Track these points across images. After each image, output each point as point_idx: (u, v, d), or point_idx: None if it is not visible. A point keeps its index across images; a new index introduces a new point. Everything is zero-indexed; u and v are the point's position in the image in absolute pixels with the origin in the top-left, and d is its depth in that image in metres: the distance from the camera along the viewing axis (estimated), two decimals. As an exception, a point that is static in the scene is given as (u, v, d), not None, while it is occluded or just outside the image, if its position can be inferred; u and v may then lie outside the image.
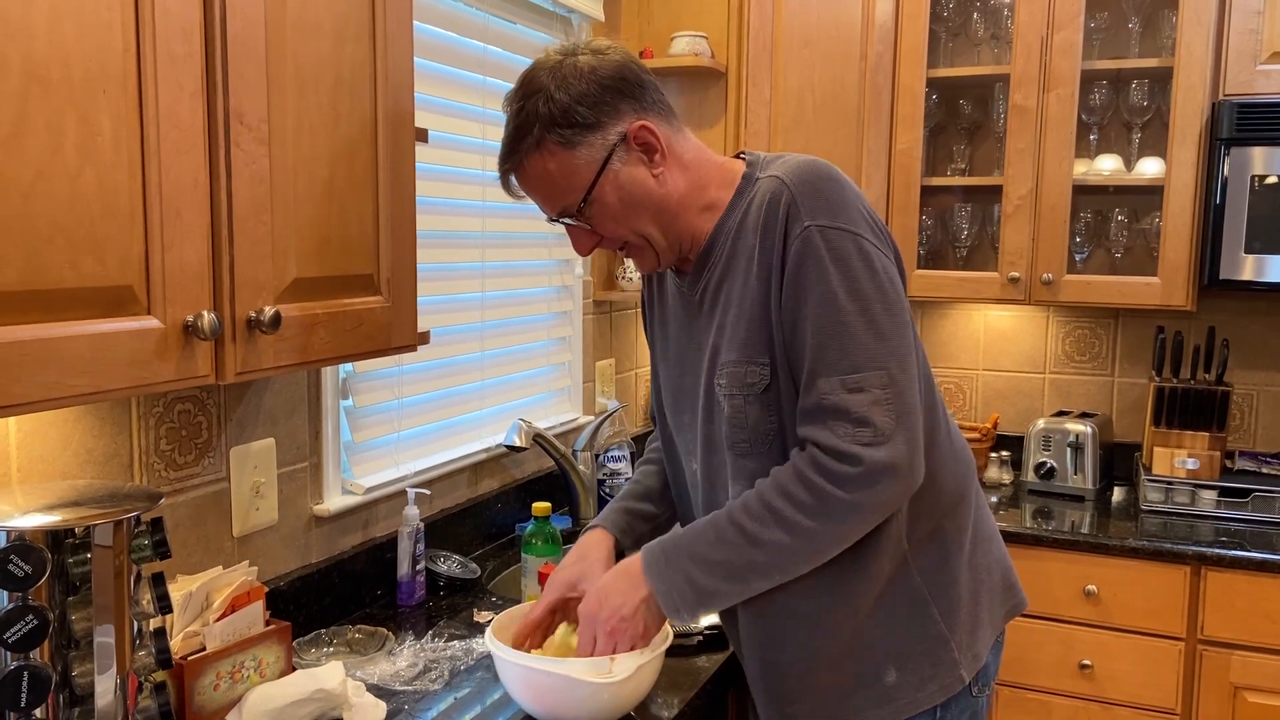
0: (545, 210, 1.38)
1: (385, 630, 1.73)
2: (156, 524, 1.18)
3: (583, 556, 1.48)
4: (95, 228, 1.02)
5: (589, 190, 1.31)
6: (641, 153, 1.33)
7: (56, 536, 1.10)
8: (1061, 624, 2.42)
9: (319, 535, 1.82)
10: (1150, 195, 2.74)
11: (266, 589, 1.49)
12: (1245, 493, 2.49)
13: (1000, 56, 2.84)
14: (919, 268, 2.81)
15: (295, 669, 1.48)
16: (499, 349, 2.35)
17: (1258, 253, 2.43)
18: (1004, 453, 2.88)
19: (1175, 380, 2.62)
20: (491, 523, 2.29)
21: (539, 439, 2.27)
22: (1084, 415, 2.78)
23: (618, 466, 2.56)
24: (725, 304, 1.36)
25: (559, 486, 2.51)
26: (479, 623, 1.81)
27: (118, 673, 1.15)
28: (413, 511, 1.91)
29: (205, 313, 1.12)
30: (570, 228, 1.38)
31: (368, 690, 1.48)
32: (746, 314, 1.32)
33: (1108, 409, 2.94)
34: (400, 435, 2.04)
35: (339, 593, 1.83)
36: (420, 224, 1.73)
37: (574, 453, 2.48)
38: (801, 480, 1.25)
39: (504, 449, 2.27)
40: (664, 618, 1.33)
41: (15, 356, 0.95)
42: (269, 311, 1.20)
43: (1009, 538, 2.40)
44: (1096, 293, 2.64)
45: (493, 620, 1.46)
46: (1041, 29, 2.60)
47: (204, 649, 1.36)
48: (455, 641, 1.72)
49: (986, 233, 2.92)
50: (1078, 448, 2.69)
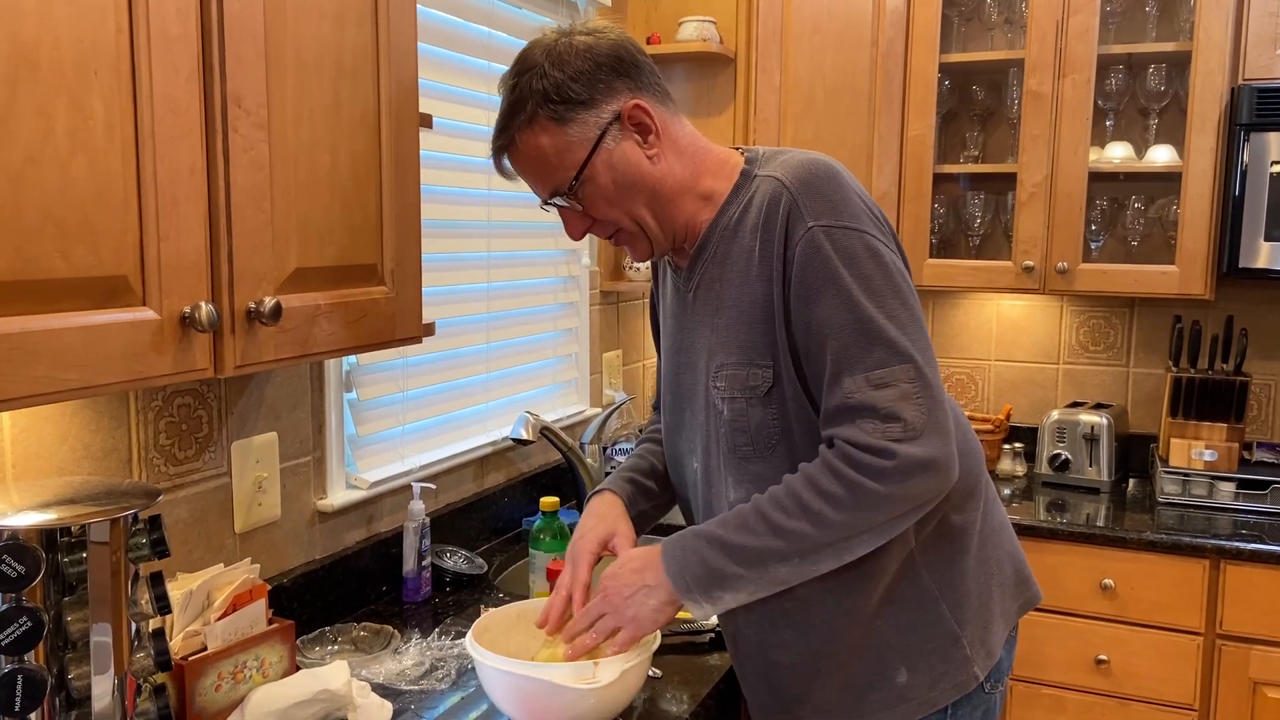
0: (537, 192, 1.35)
1: (391, 628, 1.70)
2: (154, 522, 1.15)
3: (602, 517, 1.44)
4: (88, 216, 0.98)
5: (581, 168, 1.29)
6: (636, 132, 1.30)
7: (51, 535, 1.07)
8: (1077, 619, 2.39)
9: (323, 531, 1.79)
10: (1167, 182, 2.70)
11: (269, 587, 1.45)
12: (1264, 485, 2.45)
13: (1014, 41, 2.79)
14: (931, 257, 2.77)
15: (299, 669, 1.45)
16: (505, 340, 2.32)
17: (1277, 240, 2.39)
18: (1017, 444, 2.84)
19: (1193, 370, 2.58)
20: (498, 517, 2.26)
21: (546, 432, 2.23)
22: (1099, 406, 2.74)
23: (626, 459, 2.52)
24: (719, 304, 1.33)
25: (566, 480, 2.48)
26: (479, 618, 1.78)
27: (115, 674, 1.12)
28: (418, 506, 1.88)
29: (203, 304, 1.08)
30: (562, 211, 1.35)
31: (373, 690, 1.45)
32: (746, 316, 1.29)
33: (1123, 400, 2.89)
34: (405, 428, 2.01)
35: (343, 590, 1.80)
36: (425, 213, 1.69)
37: (581, 445, 2.45)
38: (832, 472, 1.22)
39: (510, 442, 2.24)
40: (665, 610, 1.28)
41: (4, 350, 0.91)
42: (269, 302, 1.17)
43: (1022, 531, 2.36)
44: (1112, 282, 2.59)
45: (474, 623, 1.40)
46: (1057, 13, 2.55)
47: (205, 649, 1.33)
48: (462, 639, 1.69)
49: (1000, 221, 2.88)
50: (1093, 439, 2.65)
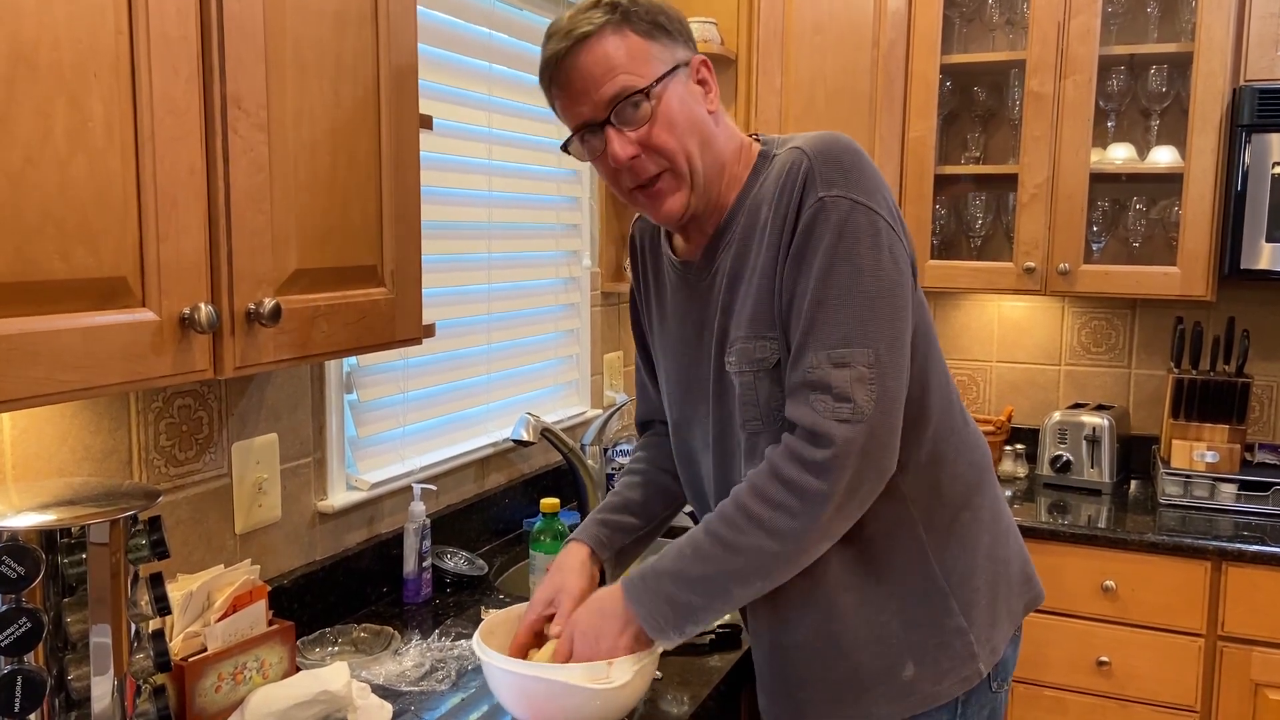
0: (597, 99, 1.25)
1: (391, 629, 1.69)
2: (154, 523, 1.15)
3: (557, 568, 1.44)
4: (87, 217, 0.98)
5: (658, 80, 1.26)
6: (699, 86, 1.32)
7: (51, 536, 1.07)
8: (1078, 620, 2.38)
9: (323, 532, 1.79)
10: (1168, 183, 2.69)
11: (269, 588, 1.45)
12: (1266, 486, 2.45)
13: (1015, 42, 2.79)
14: (932, 258, 2.77)
15: (299, 670, 1.45)
16: (505, 342, 2.32)
17: (1279, 241, 2.38)
18: (1019, 446, 2.84)
19: (1194, 372, 2.57)
20: (499, 518, 2.26)
21: (546, 433, 2.23)
22: (1100, 408, 2.73)
23: (626, 461, 2.52)
24: (734, 282, 1.33)
25: (567, 481, 2.48)
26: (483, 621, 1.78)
27: (115, 675, 1.12)
28: (419, 507, 1.88)
29: (202, 305, 1.08)
30: (612, 133, 1.26)
31: (373, 691, 1.45)
32: (755, 288, 1.29)
33: (1125, 401, 2.89)
34: (405, 430, 2.01)
35: (344, 591, 1.80)
36: (425, 214, 1.70)
37: (582, 447, 2.44)
38: (777, 477, 1.22)
39: (511, 443, 2.23)
40: (639, 640, 1.29)
41: (3, 351, 0.91)
42: (269, 304, 1.16)
43: (1024, 532, 2.36)
44: (1114, 283, 2.59)
45: (479, 625, 1.39)
46: (1058, 14, 2.55)
47: (205, 650, 1.33)
48: (462, 640, 1.69)
49: (1001, 222, 2.88)
50: (1094, 441, 2.65)
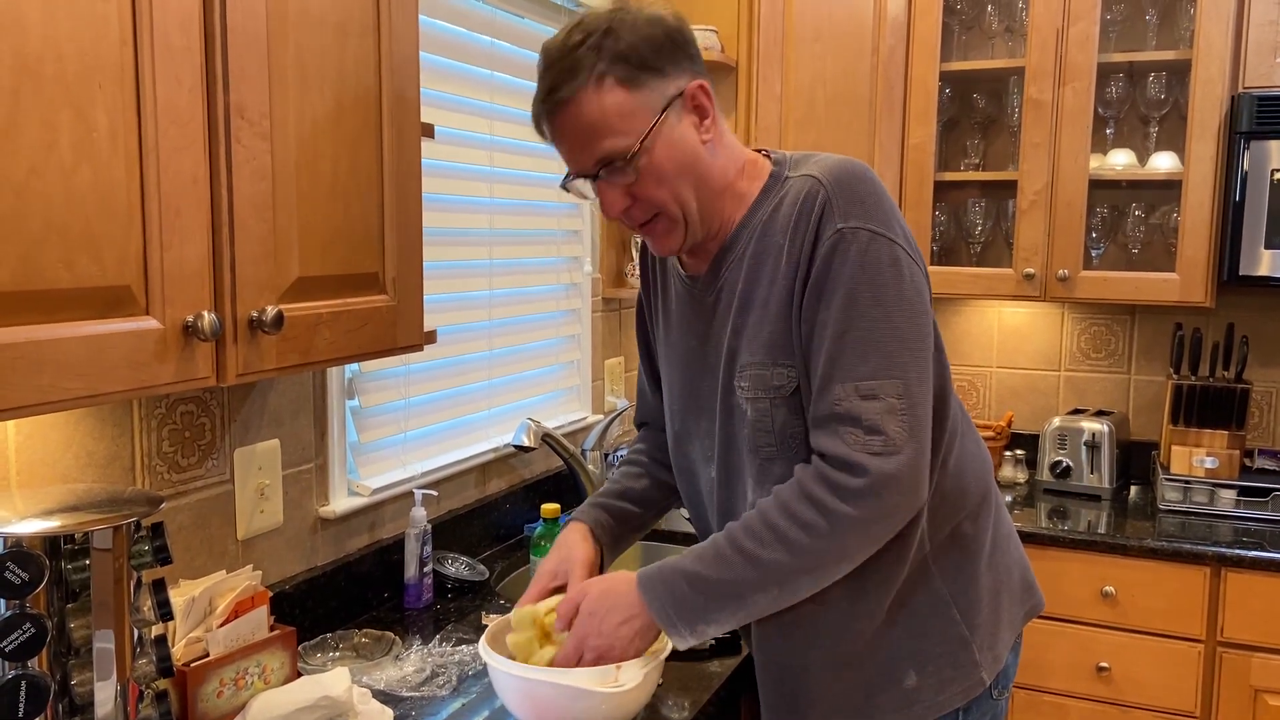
0: (583, 159, 1.25)
1: (392, 634, 1.70)
2: (157, 529, 1.16)
3: (562, 542, 1.46)
4: (91, 226, 0.99)
5: (644, 138, 1.22)
6: (694, 115, 1.28)
7: (55, 542, 1.08)
8: (1078, 626, 2.39)
9: (325, 537, 1.80)
10: (1167, 190, 2.70)
11: (271, 593, 1.46)
12: (1265, 492, 2.45)
13: (1015, 49, 2.80)
14: (932, 264, 2.78)
15: (300, 675, 1.46)
16: (507, 348, 2.33)
17: (1278, 248, 2.39)
18: (1018, 451, 2.84)
19: (1194, 378, 2.58)
20: (500, 524, 2.26)
21: (547, 439, 2.24)
22: (1100, 413, 2.74)
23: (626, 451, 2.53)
24: (744, 304, 1.31)
25: (568, 487, 2.49)
26: (488, 626, 1.78)
27: (118, 681, 1.13)
28: (420, 513, 1.89)
29: (205, 313, 1.09)
30: (602, 185, 1.26)
31: (374, 697, 1.46)
32: (772, 314, 1.27)
33: (1124, 407, 2.90)
34: (407, 435, 2.02)
35: (345, 596, 1.80)
36: (426, 221, 1.70)
37: (583, 452, 2.45)
38: (806, 497, 1.21)
39: (512, 449, 2.24)
40: (647, 632, 1.27)
41: (8, 359, 0.92)
42: (271, 311, 1.17)
43: (1024, 538, 2.36)
44: (1113, 289, 2.60)
45: (485, 630, 1.40)
46: (1057, 21, 2.56)
47: (207, 655, 1.34)
48: (463, 645, 1.69)
49: (1001, 228, 2.89)
50: (1094, 446, 2.65)
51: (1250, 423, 2.77)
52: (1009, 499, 2.66)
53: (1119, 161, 2.66)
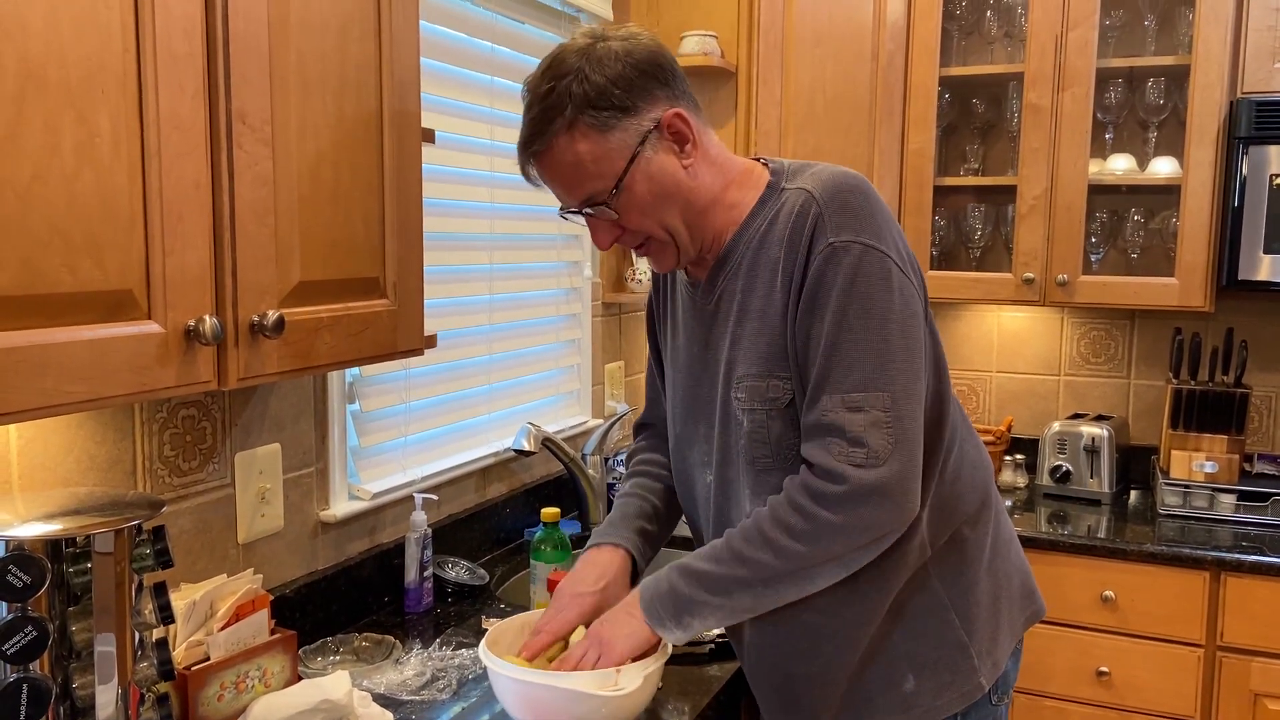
0: (568, 200, 1.31)
1: (392, 638, 1.70)
2: (158, 533, 1.16)
3: (608, 583, 1.43)
4: (94, 231, 1.00)
5: (620, 177, 1.26)
6: (673, 142, 1.29)
7: (56, 545, 1.08)
8: (1078, 630, 2.39)
9: (325, 542, 1.80)
10: (1166, 195, 2.71)
11: (272, 597, 1.46)
12: (1265, 496, 2.45)
13: (1014, 55, 2.81)
14: (931, 269, 2.78)
15: (301, 678, 1.46)
16: (507, 352, 2.33)
17: (1277, 253, 2.40)
18: (1018, 456, 2.85)
19: (1193, 382, 2.58)
20: (500, 528, 2.26)
21: (548, 443, 2.24)
22: (1100, 418, 2.74)
23: (637, 461, 2.52)
24: (742, 315, 1.33)
25: (568, 491, 2.49)
26: (487, 630, 1.79)
27: (119, 684, 1.13)
28: (420, 517, 1.89)
29: (207, 317, 1.10)
30: (591, 220, 1.32)
31: (374, 700, 1.46)
32: (768, 327, 1.29)
33: (1124, 412, 2.90)
34: (407, 440, 2.02)
35: (345, 600, 1.81)
36: (427, 226, 1.71)
37: (583, 457, 2.45)
38: (791, 504, 1.25)
39: (512, 453, 2.25)
40: (639, 632, 1.30)
41: (11, 363, 0.92)
42: (272, 315, 1.18)
43: (1023, 542, 2.36)
44: (1113, 294, 2.60)
45: (486, 634, 1.40)
46: (1056, 27, 2.57)
47: (208, 659, 1.34)
48: (463, 650, 1.69)
49: (1000, 233, 2.89)
50: (1093, 451, 2.65)
51: (1250, 427, 2.77)
52: (1009, 503, 2.66)
53: (1118, 166, 2.67)
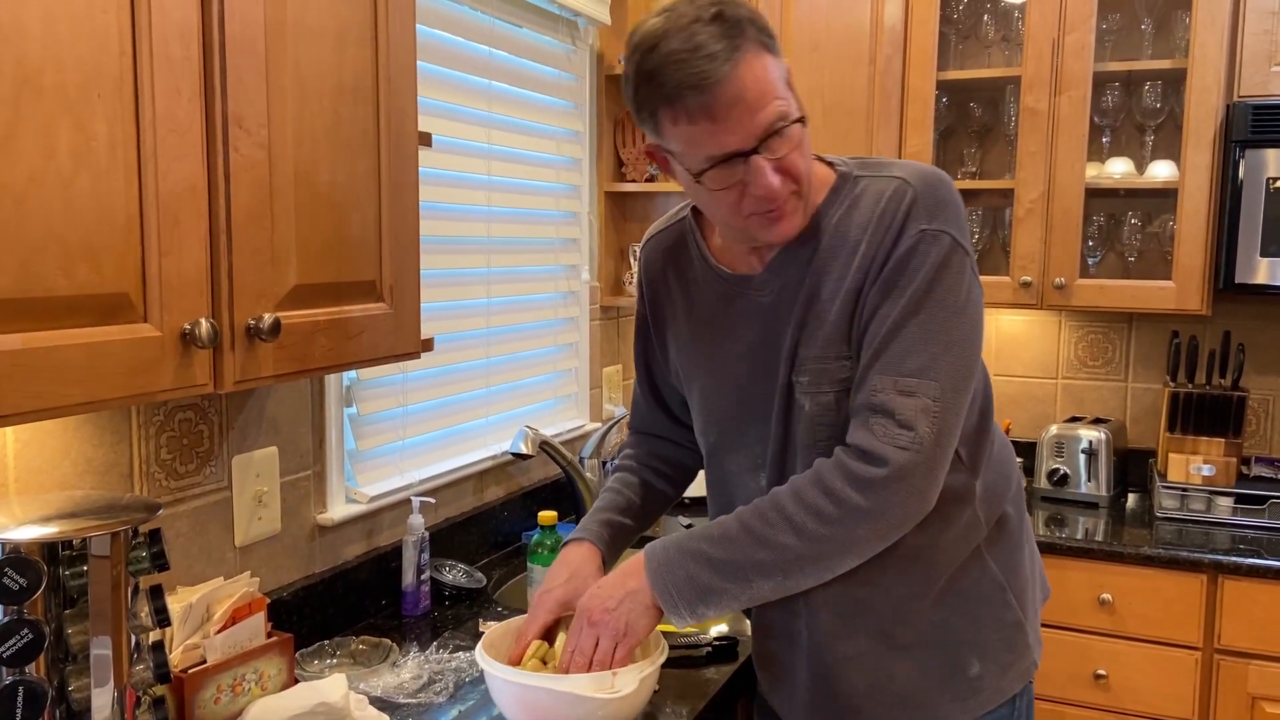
0: (743, 131, 1.16)
1: (389, 641, 1.70)
2: (155, 535, 1.16)
3: (573, 574, 1.41)
4: (90, 234, 1.00)
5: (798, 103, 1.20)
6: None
7: (52, 548, 1.08)
8: (1076, 633, 2.39)
9: (322, 545, 1.80)
10: (1163, 198, 2.71)
11: (268, 600, 1.46)
12: (1262, 499, 2.46)
13: (1011, 59, 2.81)
14: (929, 272, 2.78)
15: (297, 681, 1.46)
16: (504, 355, 2.33)
17: (1274, 256, 2.40)
18: (1016, 459, 2.84)
19: (1190, 385, 2.59)
20: (497, 531, 2.27)
21: (545, 446, 2.24)
22: (1097, 421, 2.74)
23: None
24: (811, 299, 1.29)
25: (565, 494, 2.49)
26: (484, 633, 1.79)
27: (115, 687, 1.13)
28: (417, 520, 1.89)
29: (203, 320, 1.10)
30: (765, 160, 1.18)
31: (371, 703, 1.46)
32: (840, 309, 1.27)
33: (1121, 415, 2.90)
34: (405, 443, 2.02)
35: (342, 603, 1.81)
36: (424, 229, 1.71)
37: (581, 460, 2.46)
38: (821, 485, 1.21)
39: (510, 456, 2.25)
40: (651, 614, 1.28)
41: (7, 366, 0.93)
42: (268, 319, 1.18)
43: (1022, 546, 2.37)
44: (1110, 297, 2.61)
45: (483, 637, 1.40)
46: (1053, 31, 2.57)
47: (204, 662, 1.34)
48: (460, 653, 1.69)
49: (998, 236, 2.90)
50: (1091, 454, 2.66)
51: (1247, 430, 2.77)
52: (1006, 506, 2.67)
53: (1116, 170, 2.67)
